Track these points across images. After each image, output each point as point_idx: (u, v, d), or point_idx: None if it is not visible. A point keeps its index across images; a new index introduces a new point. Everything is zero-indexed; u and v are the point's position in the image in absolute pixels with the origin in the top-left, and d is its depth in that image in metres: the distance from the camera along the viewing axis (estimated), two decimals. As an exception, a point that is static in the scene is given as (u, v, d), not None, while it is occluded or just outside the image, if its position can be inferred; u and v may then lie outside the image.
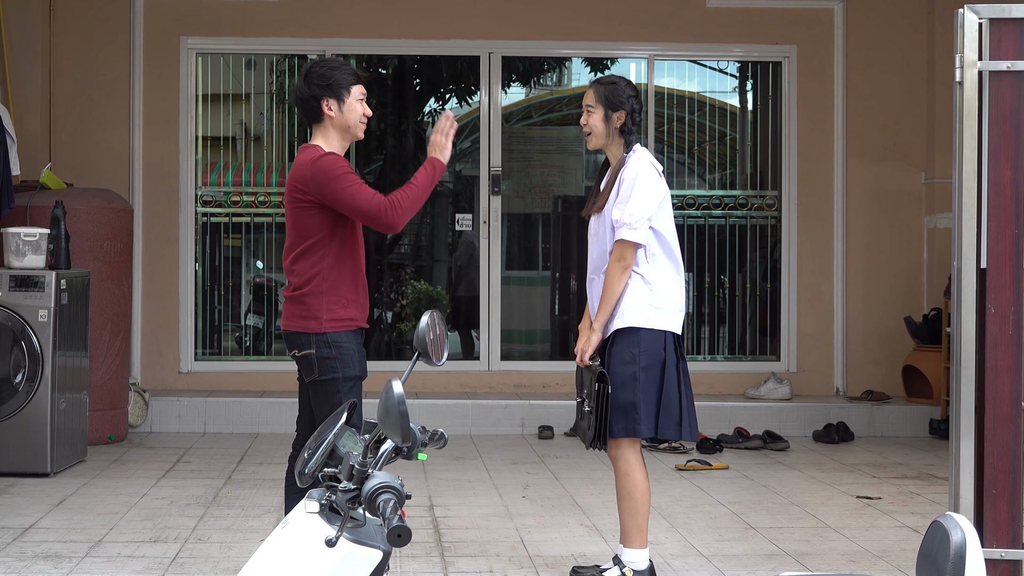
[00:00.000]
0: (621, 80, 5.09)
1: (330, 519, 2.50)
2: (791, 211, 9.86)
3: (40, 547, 5.60)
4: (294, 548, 2.48)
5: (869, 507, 6.72)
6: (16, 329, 7.22)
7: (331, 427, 2.64)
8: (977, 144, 4.18)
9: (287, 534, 2.53)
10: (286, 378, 9.62)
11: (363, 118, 4.58)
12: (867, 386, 9.64)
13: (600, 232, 5.02)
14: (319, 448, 2.61)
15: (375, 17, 9.70)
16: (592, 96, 5.05)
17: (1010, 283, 4.16)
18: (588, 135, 5.07)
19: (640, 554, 4.94)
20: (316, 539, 2.45)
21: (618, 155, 5.03)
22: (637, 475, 4.92)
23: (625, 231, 4.86)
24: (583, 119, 5.08)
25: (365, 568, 2.44)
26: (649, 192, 4.91)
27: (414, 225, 11.86)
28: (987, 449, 4.18)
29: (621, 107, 5.00)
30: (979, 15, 4.18)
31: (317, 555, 2.43)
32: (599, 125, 5.02)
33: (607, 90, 5.03)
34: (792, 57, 9.85)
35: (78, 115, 9.42)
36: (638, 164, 4.98)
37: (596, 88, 5.07)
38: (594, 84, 5.09)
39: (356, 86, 4.55)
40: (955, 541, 2.37)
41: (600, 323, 4.94)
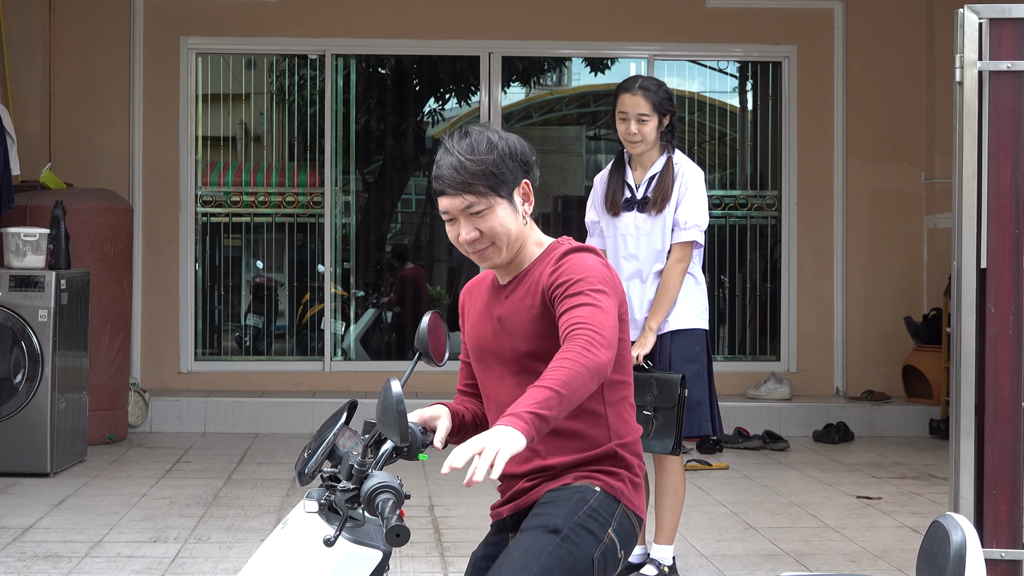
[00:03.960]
0: (661, 84, 5.14)
1: (329, 519, 2.50)
2: (791, 211, 9.86)
3: (40, 547, 5.60)
4: (294, 548, 2.47)
5: (869, 507, 6.72)
6: (16, 329, 7.22)
7: (331, 427, 2.63)
8: (977, 144, 4.18)
9: (287, 534, 2.53)
10: (286, 378, 9.63)
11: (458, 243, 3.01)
12: (867, 386, 9.63)
13: (653, 231, 5.07)
14: (319, 448, 2.60)
15: (375, 17, 9.70)
16: (646, 105, 5.05)
17: (1010, 283, 4.16)
18: (637, 142, 5.08)
19: (670, 550, 5.08)
20: (316, 539, 2.45)
21: (654, 157, 5.13)
22: (683, 473, 5.09)
23: (695, 232, 5.08)
24: (634, 128, 5.05)
25: (365, 568, 2.44)
26: (705, 196, 5.18)
27: (414, 225, 11.86)
28: (987, 449, 4.18)
29: (669, 112, 5.09)
30: (979, 15, 4.18)
31: (317, 555, 2.42)
32: (652, 133, 5.07)
33: (657, 97, 5.07)
34: (792, 57, 9.85)
35: (78, 115, 9.42)
36: (693, 167, 5.16)
37: (646, 95, 5.06)
38: (641, 92, 5.06)
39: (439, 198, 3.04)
40: (955, 541, 2.36)
41: (657, 323, 5.01)
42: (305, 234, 9.98)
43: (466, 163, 2.84)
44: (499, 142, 2.88)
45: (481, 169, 2.85)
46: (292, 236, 10.07)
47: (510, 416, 2.47)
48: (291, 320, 10.28)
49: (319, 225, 9.86)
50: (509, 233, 2.89)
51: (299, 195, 9.87)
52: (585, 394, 2.59)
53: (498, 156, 2.86)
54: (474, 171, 2.84)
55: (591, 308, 2.71)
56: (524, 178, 2.94)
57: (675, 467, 5.02)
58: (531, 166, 2.95)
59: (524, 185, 2.93)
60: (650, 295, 5.09)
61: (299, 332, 10.18)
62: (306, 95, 10.23)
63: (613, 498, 2.83)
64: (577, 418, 2.82)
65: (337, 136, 9.90)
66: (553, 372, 2.56)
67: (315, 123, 9.98)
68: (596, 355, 2.61)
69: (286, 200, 9.87)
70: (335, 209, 9.89)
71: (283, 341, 10.28)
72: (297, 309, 10.22)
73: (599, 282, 2.77)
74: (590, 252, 2.89)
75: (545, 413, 2.50)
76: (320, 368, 9.74)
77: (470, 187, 2.85)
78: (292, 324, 10.26)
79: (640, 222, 5.10)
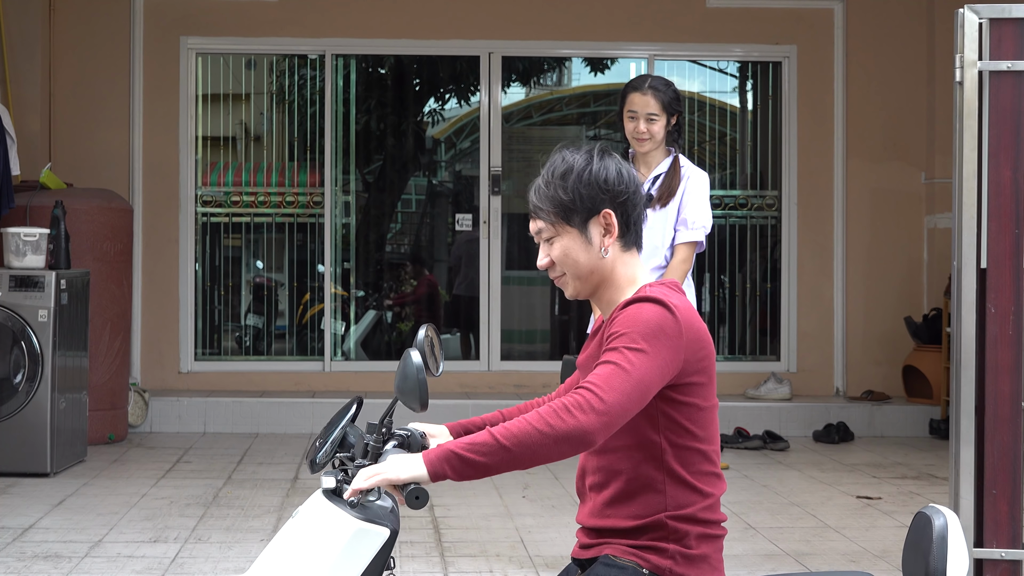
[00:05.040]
0: (670, 83, 5.16)
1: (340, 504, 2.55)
2: (791, 211, 9.86)
3: (40, 547, 5.60)
4: (306, 532, 2.53)
5: (869, 507, 6.72)
6: (16, 329, 7.22)
7: (340, 420, 2.67)
8: (977, 144, 4.19)
9: (297, 522, 2.58)
10: (286, 378, 9.63)
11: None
12: (867, 386, 9.63)
13: (654, 226, 5.09)
14: (329, 438, 2.63)
15: (375, 17, 9.70)
16: (655, 104, 5.07)
17: (1010, 283, 4.16)
18: (645, 140, 5.09)
19: None
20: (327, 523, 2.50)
21: (659, 157, 5.16)
22: None
23: (701, 233, 5.12)
24: (643, 127, 5.07)
25: (373, 544, 2.47)
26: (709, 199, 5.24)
27: (414, 225, 11.86)
28: (987, 449, 4.18)
29: (676, 112, 5.11)
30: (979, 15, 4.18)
31: (328, 534, 2.48)
32: (660, 132, 5.10)
33: (666, 96, 5.09)
34: (792, 57, 9.85)
35: (78, 115, 9.42)
36: (699, 170, 5.21)
37: (656, 95, 5.07)
38: (651, 91, 5.08)
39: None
40: (937, 525, 2.46)
41: None
42: (305, 234, 9.97)
43: (541, 186, 2.75)
44: (583, 167, 2.73)
45: (550, 195, 2.73)
46: (292, 236, 10.07)
47: (436, 449, 2.47)
48: (291, 320, 10.28)
49: (319, 225, 9.86)
50: (576, 265, 2.75)
51: (299, 195, 9.87)
52: (548, 456, 2.47)
53: (573, 182, 2.72)
54: (544, 195, 2.74)
55: (611, 368, 2.54)
56: (608, 208, 2.73)
57: None
58: (620, 195, 2.73)
59: (604, 215, 2.72)
60: None
61: (299, 332, 10.18)
62: (306, 95, 10.23)
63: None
64: (630, 482, 2.69)
65: (337, 136, 9.90)
66: (513, 423, 2.49)
67: (315, 123, 9.98)
68: (572, 419, 2.46)
69: (286, 200, 9.87)
70: (335, 209, 9.89)
71: (283, 341, 10.27)
72: (297, 309, 10.22)
73: (642, 337, 2.57)
74: (654, 303, 2.64)
75: (472, 457, 2.45)
76: (320, 368, 9.74)
77: (539, 212, 2.76)
78: (292, 324, 10.25)
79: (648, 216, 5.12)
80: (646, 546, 2.68)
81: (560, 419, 2.46)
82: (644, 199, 2.82)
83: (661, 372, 2.59)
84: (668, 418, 2.67)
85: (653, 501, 2.68)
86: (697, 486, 2.69)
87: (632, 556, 2.68)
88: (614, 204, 2.74)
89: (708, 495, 2.71)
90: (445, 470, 2.45)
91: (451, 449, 2.46)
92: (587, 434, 2.47)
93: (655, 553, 2.67)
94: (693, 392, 2.67)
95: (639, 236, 2.80)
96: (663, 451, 2.66)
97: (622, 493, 2.70)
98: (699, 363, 2.67)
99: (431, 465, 2.45)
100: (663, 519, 2.67)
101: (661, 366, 2.59)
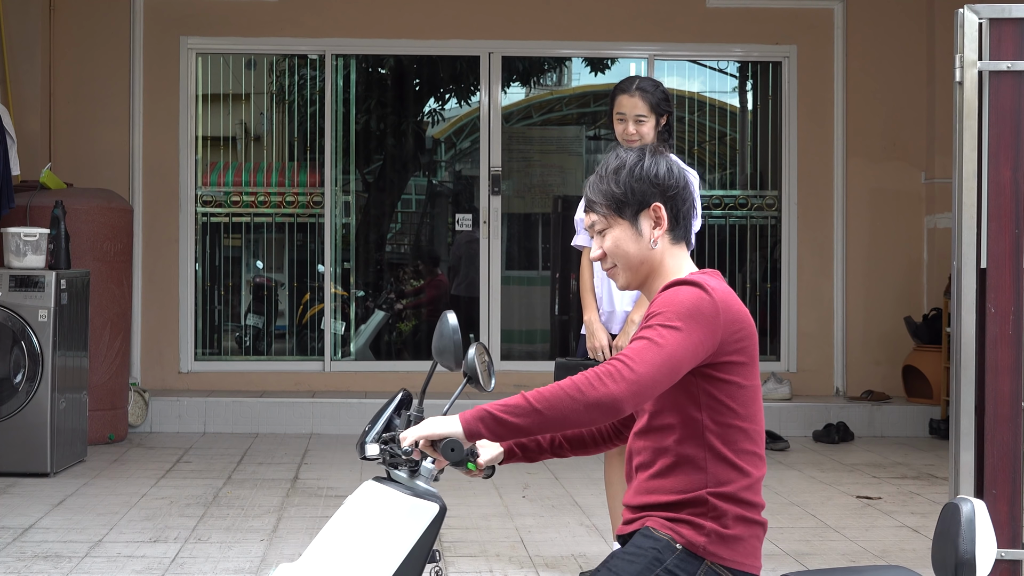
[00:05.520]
0: (658, 84, 5.15)
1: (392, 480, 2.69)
2: (791, 211, 9.86)
3: (40, 547, 5.60)
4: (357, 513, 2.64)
5: (869, 507, 6.72)
6: (16, 329, 7.22)
7: (386, 409, 2.80)
8: (977, 144, 4.18)
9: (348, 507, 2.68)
10: (286, 378, 9.63)
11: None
12: (867, 386, 9.63)
13: None
14: (376, 423, 2.76)
15: (375, 17, 9.70)
16: (644, 106, 5.06)
17: (1010, 283, 4.16)
18: (635, 142, 5.08)
19: None
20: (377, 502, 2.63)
21: None
22: None
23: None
24: (632, 129, 5.07)
25: (424, 519, 2.60)
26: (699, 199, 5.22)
27: (414, 225, 11.86)
28: (987, 449, 4.18)
29: (666, 112, 5.10)
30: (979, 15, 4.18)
31: (379, 512, 2.61)
32: (650, 133, 5.09)
33: (654, 97, 5.08)
34: (792, 57, 9.85)
35: (78, 115, 9.42)
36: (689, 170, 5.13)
37: (644, 96, 5.07)
38: (639, 93, 5.07)
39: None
40: (965, 511, 2.52)
41: (641, 316, 5.01)
42: (305, 234, 9.98)
43: (596, 181, 2.89)
44: (635, 163, 2.86)
45: (603, 189, 2.87)
46: (292, 236, 10.07)
47: (472, 409, 2.62)
48: (291, 320, 10.28)
49: (319, 225, 9.86)
50: (627, 256, 2.87)
51: (299, 195, 9.87)
52: (578, 421, 2.58)
53: (625, 176, 2.85)
54: (598, 189, 2.88)
55: (644, 343, 2.65)
56: (657, 201, 2.85)
57: None
58: (670, 189, 2.86)
59: (654, 208, 2.85)
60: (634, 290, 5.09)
61: (299, 332, 10.18)
62: (306, 95, 10.23)
63: (695, 555, 2.72)
64: (673, 458, 2.77)
65: (337, 136, 9.91)
66: (547, 388, 2.61)
67: (315, 123, 9.98)
68: (602, 387, 2.57)
69: (286, 200, 9.87)
70: (335, 209, 9.89)
71: (283, 341, 10.28)
72: (297, 309, 10.22)
73: (677, 317, 2.67)
74: (690, 285, 2.74)
75: (505, 417, 2.59)
76: (320, 368, 9.74)
77: (594, 205, 2.89)
78: (292, 324, 10.26)
79: None
80: (684, 520, 2.74)
81: (592, 386, 2.57)
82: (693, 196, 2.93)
83: (694, 350, 2.68)
84: (709, 396, 2.75)
85: (695, 477, 2.75)
86: (738, 464, 2.76)
87: (668, 530, 2.74)
88: (664, 198, 2.87)
89: (748, 474, 2.77)
90: (479, 428, 2.60)
91: (486, 408, 2.60)
92: (616, 401, 2.57)
93: (691, 528, 2.74)
94: (733, 371, 2.76)
95: (688, 231, 2.92)
96: (705, 428, 2.74)
97: (666, 469, 2.78)
98: (737, 343, 2.75)
99: (467, 423, 2.60)
100: (704, 495, 2.74)
101: (695, 344, 2.67)
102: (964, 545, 2.50)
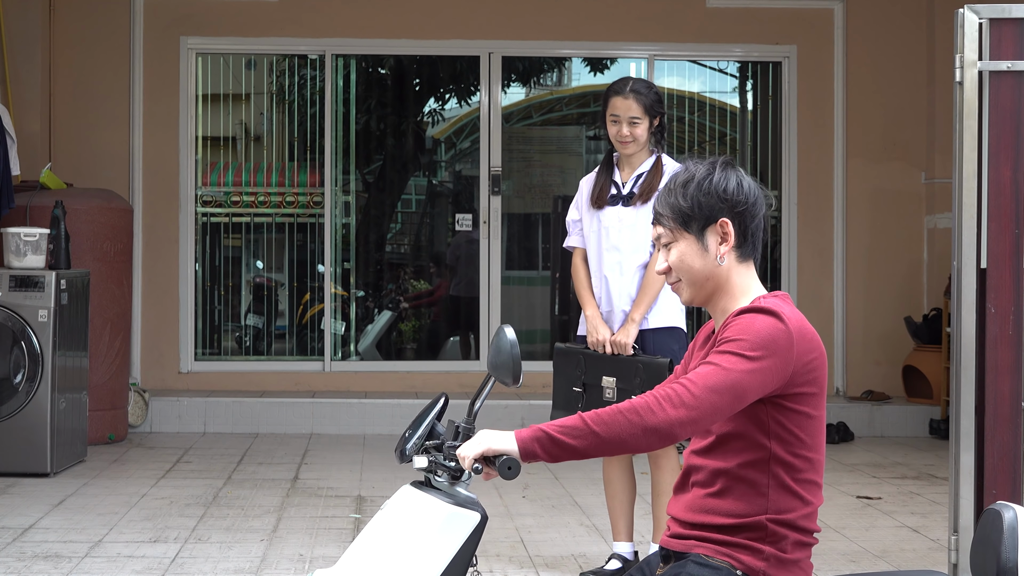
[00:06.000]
0: (651, 85, 5.17)
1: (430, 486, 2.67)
2: (791, 211, 9.86)
3: (40, 547, 5.60)
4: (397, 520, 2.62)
5: (869, 507, 6.71)
6: (16, 329, 7.22)
7: (428, 413, 2.77)
8: (977, 144, 4.19)
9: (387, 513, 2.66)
10: (286, 378, 9.63)
11: None
12: (867, 386, 9.63)
13: (636, 223, 5.07)
14: (419, 429, 2.72)
15: (375, 17, 9.70)
16: (638, 108, 5.08)
17: (1010, 283, 4.16)
18: (629, 143, 5.09)
19: None
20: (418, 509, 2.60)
21: (643, 158, 5.17)
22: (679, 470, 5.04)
23: None
24: (626, 130, 5.08)
25: (466, 528, 2.59)
26: None
27: (414, 225, 11.86)
28: (987, 449, 4.18)
29: (658, 113, 5.11)
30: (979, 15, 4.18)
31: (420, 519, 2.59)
32: (644, 135, 5.10)
33: (648, 99, 5.10)
34: (792, 57, 9.85)
35: (78, 115, 9.42)
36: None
37: (638, 98, 5.08)
38: (632, 95, 5.08)
39: None
40: (1007, 517, 2.51)
41: (640, 314, 5.02)
42: (305, 234, 9.98)
43: (664, 194, 2.84)
44: (704, 177, 2.81)
45: (671, 202, 2.82)
46: (292, 236, 10.07)
47: (528, 428, 2.57)
48: (291, 320, 10.28)
49: (319, 225, 9.86)
50: (691, 271, 2.81)
51: (299, 195, 9.87)
52: (635, 446, 2.55)
53: (693, 190, 2.80)
54: (665, 202, 2.83)
55: (711, 368, 2.61)
56: (725, 216, 2.79)
57: (671, 464, 5.01)
58: (739, 205, 2.80)
59: (721, 224, 2.79)
60: (630, 288, 5.09)
61: (299, 332, 10.18)
62: (306, 95, 10.23)
63: None
64: (735, 481, 2.72)
65: (337, 136, 9.91)
66: (605, 410, 2.58)
67: (315, 123, 9.99)
68: (661, 413, 2.55)
69: (286, 200, 9.88)
70: (335, 209, 9.90)
71: (283, 341, 10.28)
72: (297, 309, 10.22)
73: (750, 346, 2.63)
74: (766, 314, 2.69)
75: (561, 438, 2.55)
76: (320, 368, 9.74)
77: (660, 218, 2.85)
78: (292, 324, 10.26)
79: (624, 215, 5.13)
80: (741, 544, 2.70)
81: (651, 410, 2.55)
82: (765, 212, 2.86)
83: (763, 381, 2.64)
84: (779, 424, 2.71)
85: (755, 503, 2.71)
86: (800, 493, 2.72)
87: (724, 556, 2.70)
88: (732, 214, 2.80)
89: (808, 503, 2.74)
90: (535, 449, 2.55)
91: (543, 429, 2.55)
92: (673, 427, 2.55)
93: (749, 553, 2.70)
94: (804, 401, 2.71)
95: (756, 248, 2.85)
96: (771, 456, 2.70)
97: (725, 490, 2.74)
98: (809, 374, 2.71)
99: (523, 443, 2.56)
100: (763, 520, 2.70)
101: (764, 375, 2.63)
102: (1007, 553, 2.49)
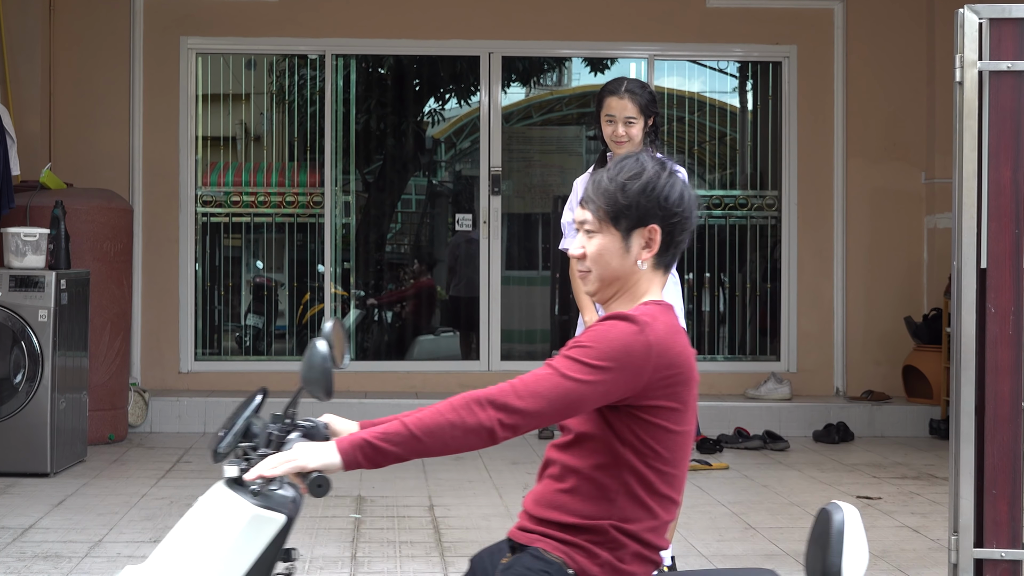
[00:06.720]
0: (645, 85, 5.16)
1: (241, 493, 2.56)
2: (791, 211, 9.86)
3: (40, 547, 5.60)
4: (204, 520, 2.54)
5: (869, 507, 6.71)
6: (16, 329, 7.22)
7: (243, 411, 2.68)
8: (977, 144, 4.18)
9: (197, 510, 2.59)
10: (286, 378, 9.62)
11: None
12: (867, 386, 9.63)
13: None
14: (233, 428, 2.63)
15: (375, 17, 9.70)
16: (633, 108, 5.07)
17: (1010, 283, 4.16)
18: (624, 143, 5.09)
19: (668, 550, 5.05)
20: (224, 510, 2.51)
21: None
22: None
23: None
24: (621, 130, 5.08)
25: (269, 531, 2.49)
26: None
27: (414, 225, 11.86)
28: (987, 449, 4.18)
29: (653, 113, 5.11)
30: (979, 15, 4.18)
31: (224, 520, 2.50)
32: (639, 135, 5.10)
33: (643, 99, 5.09)
34: (792, 57, 9.85)
35: (78, 115, 9.42)
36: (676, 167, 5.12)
37: (633, 98, 5.07)
38: (627, 95, 5.08)
39: None
40: (836, 520, 2.53)
41: None
42: (305, 234, 9.98)
43: (604, 181, 2.74)
44: (650, 179, 2.72)
45: (609, 193, 2.72)
46: (292, 236, 10.07)
47: (349, 436, 2.52)
48: (291, 320, 10.28)
49: (319, 225, 9.86)
50: (607, 267, 2.74)
51: (299, 195, 9.87)
52: (458, 448, 2.51)
53: (637, 191, 2.71)
54: (603, 190, 2.73)
55: (547, 372, 2.57)
56: (656, 223, 2.72)
57: None
58: (675, 217, 2.73)
59: (650, 229, 2.71)
60: None
61: (299, 332, 10.18)
62: (306, 95, 10.23)
63: None
64: (585, 482, 2.67)
65: (337, 136, 9.91)
66: (426, 413, 2.53)
67: (315, 123, 9.99)
68: (483, 414, 2.50)
69: (286, 200, 9.87)
70: (335, 209, 9.89)
71: (283, 341, 10.27)
72: (297, 309, 10.22)
73: (598, 356, 2.57)
74: (628, 322, 2.62)
75: (383, 446, 2.50)
76: (320, 368, 9.72)
77: (589, 204, 2.76)
78: (292, 324, 10.26)
79: None
80: (579, 546, 2.66)
81: (472, 412, 2.51)
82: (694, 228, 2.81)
83: (605, 391, 2.58)
84: (634, 435, 2.65)
85: (602, 507, 2.66)
86: (650, 505, 2.67)
87: (561, 553, 2.66)
88: (665, 223, 2.73)
89: (657, 516, 2.68)
90: (358, 457, 2.49)
91: (364, 437, 2.50)
92: (495, 429, 2.51)
93: (586, 556, 2.65)
94: (661, 415, 2.65)
95: (674, 260, 2.80)
96: (624, 464, 2.64)
97: (574, 490, 2.68)
98: (667, 389, 2.64)
99: (344, 453, 2.49)
100: (606, 526, 2.66)
101: (608, 386, 2.57)
102: (832, 557, 2.51)
